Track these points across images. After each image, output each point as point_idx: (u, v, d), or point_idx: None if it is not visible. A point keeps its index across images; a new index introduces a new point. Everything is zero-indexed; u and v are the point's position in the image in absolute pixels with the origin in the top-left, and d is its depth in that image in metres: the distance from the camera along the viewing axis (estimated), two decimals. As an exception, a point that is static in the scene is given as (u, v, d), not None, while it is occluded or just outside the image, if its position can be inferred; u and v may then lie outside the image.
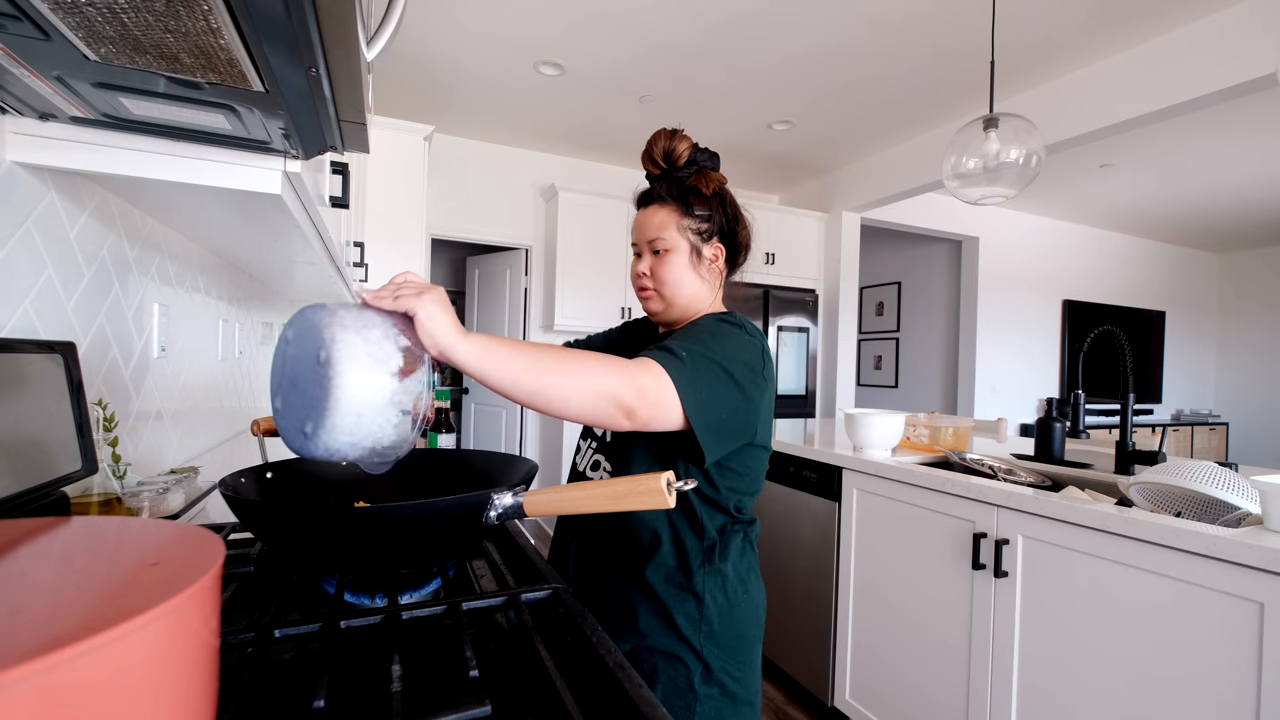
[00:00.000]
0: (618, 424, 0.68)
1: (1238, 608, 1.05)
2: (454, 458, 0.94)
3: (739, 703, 0.83)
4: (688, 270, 0.91)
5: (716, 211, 0.92)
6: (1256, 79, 2.31)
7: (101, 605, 0.26)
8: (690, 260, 0.91)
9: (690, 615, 0.82)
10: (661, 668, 0.81)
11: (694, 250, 0.91)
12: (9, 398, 0.62)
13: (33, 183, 0.77)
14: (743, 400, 0.78)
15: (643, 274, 0.93)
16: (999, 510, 1.44)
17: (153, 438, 1.22)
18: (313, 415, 0.56)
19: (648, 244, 0.92)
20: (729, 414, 0.76)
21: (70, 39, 0.48)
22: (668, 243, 0.90)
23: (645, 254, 0.93)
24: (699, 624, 0.82)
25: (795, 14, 2.51)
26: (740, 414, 0.78)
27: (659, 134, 0.92)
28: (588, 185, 4.26)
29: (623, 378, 0.67)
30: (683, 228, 0.90)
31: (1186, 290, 6.58)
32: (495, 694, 0.51)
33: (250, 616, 0.64)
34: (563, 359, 0.65)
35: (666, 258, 0.90)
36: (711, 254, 0.92)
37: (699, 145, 0.92)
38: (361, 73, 0.58)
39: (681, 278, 0.91)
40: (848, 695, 1.86)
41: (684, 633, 0.82)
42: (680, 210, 0.90)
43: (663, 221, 0.90)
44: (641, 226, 0.93)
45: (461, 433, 4.73)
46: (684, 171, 0.92)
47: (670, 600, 0.83)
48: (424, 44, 2.82)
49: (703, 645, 0.82)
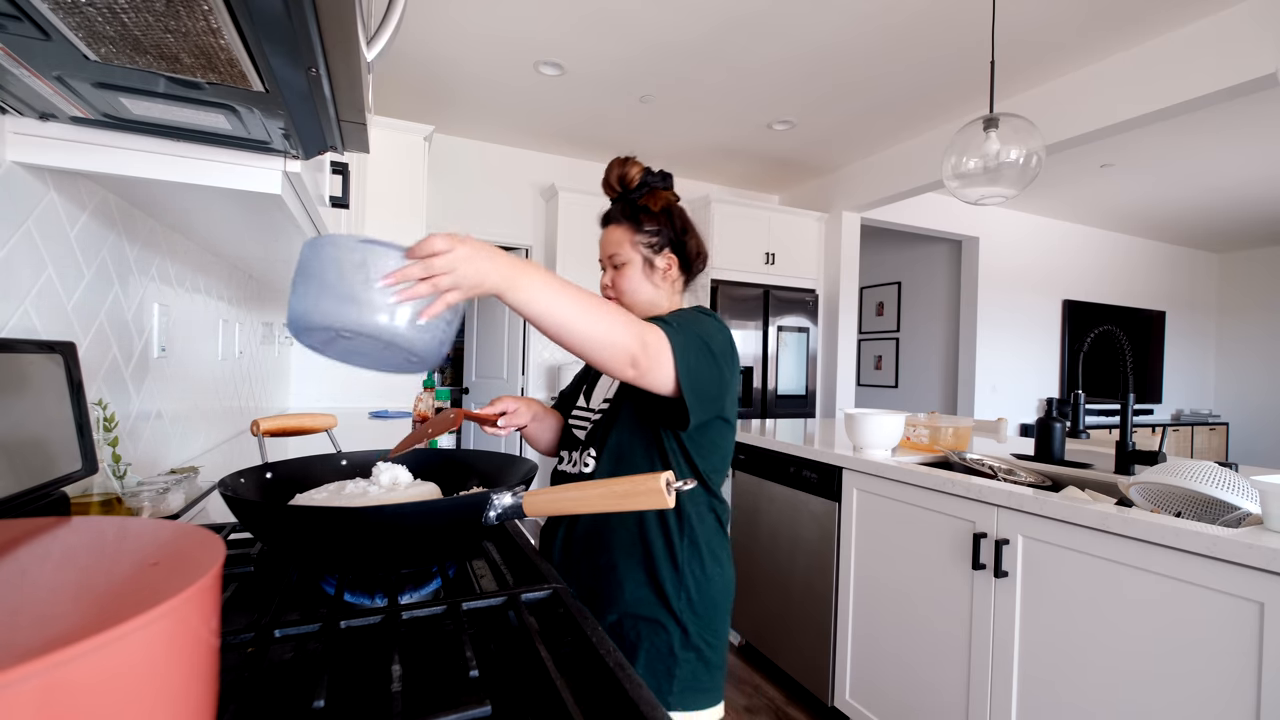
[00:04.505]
0: (623, 372, 0.76)
1: (1238, 608, 1.05)
2: (454, 458, 0.94)
3: (712, 666, 0.93)
4: (642, 280, 1.02)
5: (665, 226, 1.02)
6: (1256, 79, 2.31)
7: (101, 605, 0.26)
8: (644, 271, 1.02)
9: (674, 585, 0.91)
10: (645, 634, 0.90)
11: (646, 262, 1.02)
12: (9, 398, 0.62)
13: (33, 183, 0.77)
14: (719, 373, 0.87)
15: (606, 286, 1.06)
16: (999, 510, 1.44)
17: (153, 438, 1.22)
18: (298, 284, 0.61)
19: (608, 259, 1.04)
20: (709, 383, 0.85)
21: (70, 39, 0.48)
22: (623, 257, 1.02)
23: (607, 268, 1.05)
24: (680, 592, 0.92)
25: (795, 14, 2.51)
26: (717, 384, 0.87)
27: (614, 162, 1.03)
28: (588, 185, 4.26)
29: (633, 331, 0.75)
30: (635, 243, 1.01)
31: (1186, 290, 6.58)
32: (495, 694, 0.51)
33: (250, 616, 0.64)
34: (599, 306, 0.73)
35: (624, 270, 1.02)
36: (664, 264, 1.03)
37: (650, 169, 1.04)
38: (361, 73, 0.58)
39: (637, 287, 1.02)
40: (848, 695, 1.86)
41: (670, 601, 0.91)
42: (632, 228, 1.02)
43: (618, 239, 1.02)
44: (603, 244, 1.05)
45: (461, 433, 4.73)
46: (635, 193, 1.03)
47: (656, 572, 0.92)
48: (424, 44, 2.82)
49: (682, 613, 0.91)
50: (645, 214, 1.02)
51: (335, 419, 1.00)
